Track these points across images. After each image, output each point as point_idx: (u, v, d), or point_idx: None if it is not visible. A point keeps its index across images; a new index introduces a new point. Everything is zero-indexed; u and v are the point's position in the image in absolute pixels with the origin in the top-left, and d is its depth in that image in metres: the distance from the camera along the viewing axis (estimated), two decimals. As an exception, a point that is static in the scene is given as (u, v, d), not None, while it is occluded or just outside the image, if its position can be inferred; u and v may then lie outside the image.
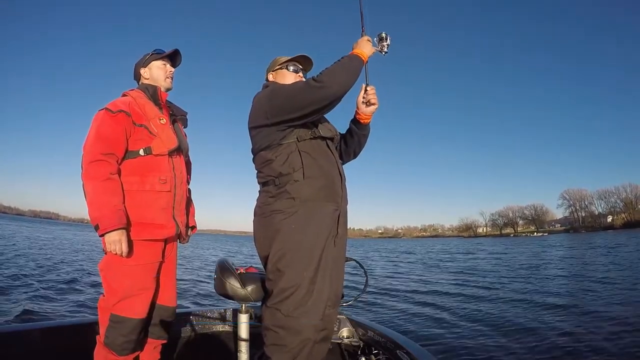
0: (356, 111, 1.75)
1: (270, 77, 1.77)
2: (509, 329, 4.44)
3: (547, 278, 9.11)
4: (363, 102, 1.71)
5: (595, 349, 3.60)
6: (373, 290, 7.52)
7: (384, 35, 1.64)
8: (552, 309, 5.48)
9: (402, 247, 37.10)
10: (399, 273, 11.34)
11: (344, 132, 1.83)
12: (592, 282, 8.02)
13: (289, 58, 1.75)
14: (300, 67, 1.77)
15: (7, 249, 12.22)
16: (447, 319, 5.02)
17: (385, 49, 1.65)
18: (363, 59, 1.55)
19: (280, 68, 1.75)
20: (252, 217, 1.64)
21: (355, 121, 1.77)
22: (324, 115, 1.63)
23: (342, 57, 1.53)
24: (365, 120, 1.75)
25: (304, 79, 1.75)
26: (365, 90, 1.70)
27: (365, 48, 1.58)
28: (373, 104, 1.71)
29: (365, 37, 1.63)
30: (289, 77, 1.73)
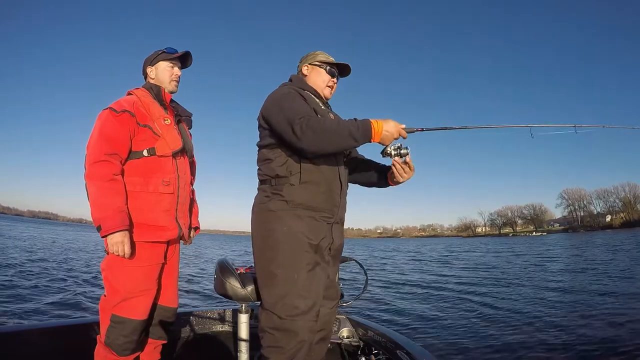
0: (389, 173, 1.65)
1: (305, 70, 1.72)
2: (510, 328, 4.45)
3: (547, 276, 9.12)
4: (395, 179, 1.59)
5: (596, 346, 3.61)
6: (373, 290, 7.52)
7: (404, 151, 1.47)
8: (553, 307, 5.49)
9: (403, 247, 37.10)
10: (399, 272, 11.35)
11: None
12: (593, 280, 8.04)
13: (331, 61, 1.70)
14: (337, 72, 1.73)
15: (7, 249, 12.20)
16: (448, 319, 5.02)
17: (386, 156, 1.49)
18: (372, 139, 1.38)
19: (319, 65, 1.70)
20: (250, 218, 1.62)
21: (383, 175, 1.71)
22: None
23: (353, 121, 1.39)
24: (391, 184, 1.68)
25: (335, 84, 1.73)
26: (406, 164, 1.53)
27: (387, 136, 1.40)
28: (397, 179, 1.60)
29: (402, 131, 1.43)
30: (323, 77, 1.69)
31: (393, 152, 1.48)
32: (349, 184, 1.70)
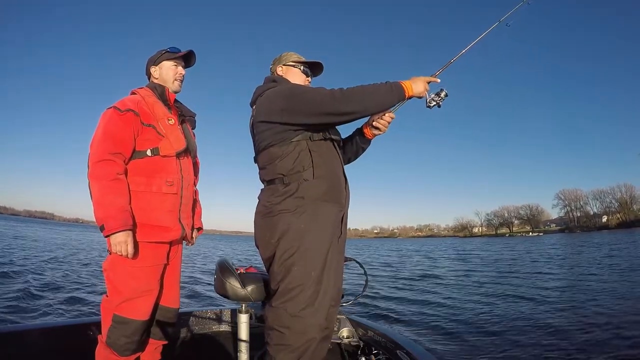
0: (365, 124, 1.74)
1: (279, 71, 1.74)
2: (510, 328, 4.46)
3: (546, 276, 9.16)
4: (374, 122, 1.67)
5: (597, 346, 3.63)
6: (373, 290, 7.53)
7: (443, 94, 1.54)
8: (553, 307, 5.52)
9: (401, 247, 37.13)
10: (399, 272, 11.36)
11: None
12: (591, 279, 8.09)
13: (304, 60, 1.74)
14: (311, 72, 1.76)
15: (7, 249, 12.14)
16: (448, 319, 5.04)
17: (432, 104, 1.54)
18: (406, 94, 1.48)
19: (293, 66, 1.73)
20: (246, 218, 1.62)
21: (360, 132, 1.77)
22: None
23: (385, 82, 1.47)
24: (369, 136, 1.75)
25: (310, 83, 1.76)
26: (383, 114, 1.64)
27: (418, 87, 1.50)
28: (378, 129, 1.69)
29: (428, 78, 1.54)
30: (298, 77, 1.72)
31: (437, 99, 1.54)
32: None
